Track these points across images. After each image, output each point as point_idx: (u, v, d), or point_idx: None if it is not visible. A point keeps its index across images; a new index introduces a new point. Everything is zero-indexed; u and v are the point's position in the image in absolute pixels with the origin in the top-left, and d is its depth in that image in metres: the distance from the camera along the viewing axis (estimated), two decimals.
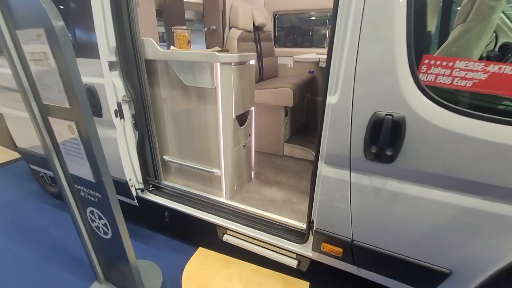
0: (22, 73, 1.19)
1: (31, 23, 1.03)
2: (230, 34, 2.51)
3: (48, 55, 1.04)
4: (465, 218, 1.05)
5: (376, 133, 1.06)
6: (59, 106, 1.17)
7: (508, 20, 1.96)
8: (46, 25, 0.98)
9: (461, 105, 0.95)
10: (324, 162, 1.26)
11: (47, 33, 0.99)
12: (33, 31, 1.03)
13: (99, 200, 1.36)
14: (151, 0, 2.14)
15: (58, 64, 1.05)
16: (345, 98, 1.09)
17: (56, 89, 1.12)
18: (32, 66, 1.14)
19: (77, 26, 1.61)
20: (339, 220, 1.32)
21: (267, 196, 1.99)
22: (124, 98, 1.73)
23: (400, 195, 1.14)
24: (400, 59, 0.97)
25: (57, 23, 0.97)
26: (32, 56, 1.11)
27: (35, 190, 2.99)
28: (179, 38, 1.74)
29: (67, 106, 1.13)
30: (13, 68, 1.18)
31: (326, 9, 3.08)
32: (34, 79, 1.17)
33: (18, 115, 2.21)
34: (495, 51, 2.00)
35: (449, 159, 0.99)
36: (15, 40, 1.13)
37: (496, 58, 1.84)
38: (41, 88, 1.18)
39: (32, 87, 1.22)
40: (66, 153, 1.32)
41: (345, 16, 1.02)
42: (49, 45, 1.01)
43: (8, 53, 1.15)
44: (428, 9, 1.87)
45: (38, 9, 0.97)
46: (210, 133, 1.79)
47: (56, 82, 1.09)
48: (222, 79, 1.60)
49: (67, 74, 1.04)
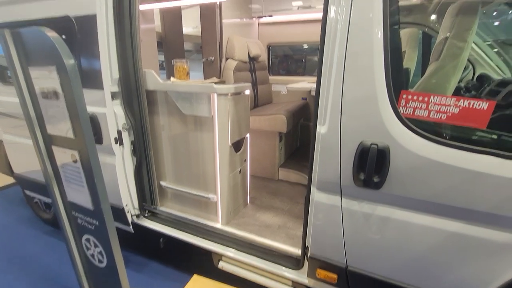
0: (30, 105, 1.26)
1: (44, 61, 1.12)
2: (227, 65, 2.67)
3: (57, 90, 1.12)
4: (452, 243, 1.09)
5: (363, 160, 1.13)
6: (63, 136, 1.23)
7: (482, 53, 2.15)
8: (58, 63, 1.07)
9: (438, 135, 1.04)
10: (316, 188, 1.32)
11: (59, 71, 1.08)
12: (45, 68, 1.12)
13: (96, 227, 1.37)
14: (153, 35, 2.30)
15: (67, 98, 1.12)
16: (333, 128, 1.17)
17: (62, 121, 1.18)
18: (40, 99, 1.22)
19: (83, 58, 1.72)
20: (332, 245, 1.35)
21: (263, 221, 2.01)
22: (124, 126, 1.80)
23: (389, 220, 1.18)
24: (381, 94, 1.07)
25: (68, 61, 1.06)
26: (41, 90, 1.19)
27: (27, 216, 2.94)
28: (179, 70, 1.86)
29: (72, 136, 1.19)
30: (22, 100, 1.26)
31: (316, 42, 3.31)
32: (42, 111, 1.24)
33: (19, 141, 2.26)
34: (473, 81, 2.17)
35: (430, 185, 1.06)
36: (26, 76, 1.22)
37: (474, 88, 1.99)
38: (47, 119, 1.25)
39: (38, 118, 1.29)
40: (66, 181, 1.35)
41: (330, 53, 1.13)
42: (60, 81, 1.10)
43: (19, 87, 1.23)
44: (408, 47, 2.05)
45: (52, 49, 1.06)
46: (206, 160, 1.85)
47: (63, 114, 1.16)
48: (219, 108, 1.69)
49: (75, 108, 1.12)
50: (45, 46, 1.08)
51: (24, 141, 2.19)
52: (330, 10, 1.10)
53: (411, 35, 2.05)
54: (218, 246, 1.78)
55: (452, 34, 1.22)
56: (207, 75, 2.77)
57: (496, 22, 1.92)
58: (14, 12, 1.84)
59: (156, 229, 1.98)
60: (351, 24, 1.06)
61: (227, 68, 2.66)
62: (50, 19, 1.68)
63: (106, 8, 1.57)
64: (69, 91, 1.10)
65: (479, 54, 2.12)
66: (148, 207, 2.07)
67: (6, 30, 1.14)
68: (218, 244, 1.79)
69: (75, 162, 1.24)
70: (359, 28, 1.05)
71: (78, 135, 1.18)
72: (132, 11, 1.62)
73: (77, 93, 1.10)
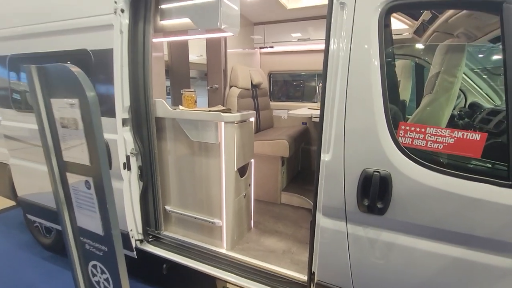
0: (48, 133, 1.33)
1: (66, 93, 1.20)
2: (231, 92, 2.79)
3: (77, 120, 1.20)
4: (455, 268, 1.12)
5: (367, 187, 1.18)
6: (79, 163, 1.28)
7: (472, 83, 2.30)
8: (81, 96, 1.15)
9: (436, 164, 1.11)
10: (321, 213, 1.36)
11: (81, 103, 1.16)
12: (67, 100, 1.20)
13: (104, 253, 1.38)
14: (162, 63, 2.43)
15: (86, 128, 1.19)
16: (337, 156, 1.24)
17: (79, 149, 1.24)
18: (59, 128, 1.29)
19: (97, 87, 1.81)
20: (339, 271, 1.36)
21: (267, 246, 2.01)
22: (133, 151, 1.86)
23: (394, 245, 1.22)
24: (381, 125, 1.15)
25: (90, 93, 1.14)
26: (61, 121, 1.26)
27: (25, 241, 2.90)
28: (187, 98, 1.96)
29: (88, 163, 1.24)
30: (40, 128, 1.32)
31: (314, 70, 3.49)
32: (59, 139, 1.31)
33: (26, 166, 2.29)
34: (466, 108, 2.29)
35: (431, 211, 1.11)
36: (47, 106, 1.29)
37: (467, 115, 2.10)
38: (64, 147, 1.30)
39: (55, 146, 1.35)
40: (77, 206, 1.39)
41: (333, 85, 1.22)
42: (81, 112, 1.17)
43: (39, 116, 1.30)
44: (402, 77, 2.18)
45: (75, 82, 1.15)
46: (212, 184, 1.89)
47: (81, 142, 1.22)
48: (225, 135, 1.77)
49: (93, 137, 1.18)
50: (69, 79, 1.17)
51: (31, 166, 2.23)
52: (331, 45, 1.21)
53: (405, 66, 2.20)
54: (223, 272, 1.77)
55: (443, 70, 1.34)
56: (212, 101, 2.89)
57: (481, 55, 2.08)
58: (37, 45, 1.98)
59: (160, 254, 1.96)
60: (351, 60, 1.17)
61: (231, 95, 2.78)
62: (70, 52, 1.81)
63: (121, 43, 1.70)
64: (89, 121, 1.17)
65: (469, 83, 2.27)
66: (151, 232, 2.07)
67: (32, 66, 1.24)
68: (223, 270, 1.78)
69: (89, 188, 1.29)
70: (358, 64, 1.16)
71: (94, 162, 1.23)
72: (146, 45, 1.75)
73: (97, 123, 1.17)
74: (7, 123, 2.32)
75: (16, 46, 2.11)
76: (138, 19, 1.75)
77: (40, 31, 1.92)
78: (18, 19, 2.04)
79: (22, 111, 2.22)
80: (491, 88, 2.26)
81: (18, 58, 2.13)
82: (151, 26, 1.75)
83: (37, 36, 1.95)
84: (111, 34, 1.67)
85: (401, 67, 2.14)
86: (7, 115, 2.32)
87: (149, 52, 1.75)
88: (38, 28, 1.93)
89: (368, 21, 1.13)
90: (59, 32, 1.85)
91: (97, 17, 1.70)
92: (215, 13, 1.65)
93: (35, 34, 1.96)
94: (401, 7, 1.17)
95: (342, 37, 1.18)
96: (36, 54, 1.99)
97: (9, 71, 2.22)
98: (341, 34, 1.18)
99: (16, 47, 2.12)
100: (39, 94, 1.28)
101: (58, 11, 1.84)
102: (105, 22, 1.67)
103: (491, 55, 2.01)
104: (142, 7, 1.74)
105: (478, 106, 2.15)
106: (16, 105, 2.25)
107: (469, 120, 1.96)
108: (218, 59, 2.78)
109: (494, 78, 2.21)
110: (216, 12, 1.65)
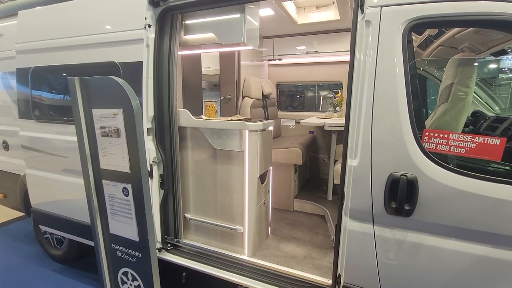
0: (87, 143, 1.38)
1: (110, 104, 1.26)
2: (244, 102, 2.89)
3: (120, 130, 1.25)
4: (482, 267, 1.19)
5: (394, 190, 1.26)
6: (117, 171, 1.33)
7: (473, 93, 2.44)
8: (125, 105, 1.22)
9: (460, 167, 1.19)
10: (348, 216, 1.42)
11: (125, 112, 1.22)
12: (111, 110, 1.26)
13: (138, 259, 1.41)
14: (179, 75, 2.51)
15: (128, 136, 1.25)
16: (364, 161, 1.32)
17: (120, 157, 1.29)
18: (99, 138, 1.34)
19: None
20: (366, 273, 1.41)
21: (287, 252, 2.05)
22: (155, 160, 1.91)
23: (421, 246, 1.28)
24: (407, 132, 1.23)
25: (135, 102, 1.21)
26: (102, 130, 1.31)
27: (34, 253, 2.85)
28: (209, 108, 2.03)
29: (128, 171, 1.29)
30: (80, 138, 1.37)
31: (318, 81, 3.64)
32: (98, 148, 1.36)
33: (43, 176, 2.30)
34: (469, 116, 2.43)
35: (456, 212, 1.18)
36: (87, 116, 1.35)
37: (472, 123, 2.23)
38: (103, 155, 1.35)
39: (92, 154, 1.39)
40: (112, 213, 1.42)
41: (359, 95, 1.31)
42: (124, 121, 1.23)
43: (79, 126, 1.35)
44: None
45: (119, 92, 1.21)
46: (234, 192, 1.94)
47: (122, 150, 1.28)
48: (249, 143, 1.84)
49: (135, 144, 1.24)
50: (113, 90, 1.24)
51: (49, 176, 2.25)
52: (357, 57, 1.31)
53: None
54: (245, 278, 1.79)
55: (457, 81, 1.45)
56: (224, 111, 2.97)
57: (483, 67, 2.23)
58: (68, 57, 2.04)
59: (179, 263, 1.97)
60: (377, 72, 1.26)
61: (244, 105, 2.88)
62: (99, 64, 1.88)
63: (147, 56, 1.78)
64: (131, 129, 1.23)
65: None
66: (170, 241, 2.09)
67: (76, 78, 1.30)
68: (245, 276, 1.81)
69: (127, 195, 1.33)
70: (384, 75, 1.25)
71: (134, 170, 1.28)
72: (172, 57, 1.84)
73: (139, 131, 1.23)
74: (26, 133, 2.34)
75: (45, 58, 2.16)
76: (164, 34, 1.84)
77: (72, 44, 1.99)
78: (52, 33, 2.10)
79: (41, 121, 2.25)
80: (490, 97, 2.40)
81: (45, 69, 2.19)
82: (177, 40, 1.84)
83: (68, 49, 2.02)
84: (139, 48, 1.75)
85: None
86: (26, 125, 2.35)
87: (174, 65, 1.84)
88: (70, 41, 2.01)
89: (392, 38, 1.24)
90: (89, 46, 1.92)
91: (126, 32, 1.78)
92: (240, 28, 1.75)
93: (66, 47, 2.03)
94: (423, 25, 1.29)
95: (368, 51, 1.28)
96: (67, 66, 2.05)
97: (34, 83, 2.27)
98: (367, 48, 1.28)
99: (45, 59, 2.16)
100: (80, 104, 1.34)
101: (89, 26, 1.93)
102: (134, 36, 1.76)
103: (492, 67, 2.16)
104: (168, 23, 1.84)
105: (481, 114, 2.28)
106: (37, 115, 2.29)
107: (474, 128, 2.08)
108: (231, 71, 2.89)
109: (493, 88, 2.36)
110: (240, 28, 1.76)
